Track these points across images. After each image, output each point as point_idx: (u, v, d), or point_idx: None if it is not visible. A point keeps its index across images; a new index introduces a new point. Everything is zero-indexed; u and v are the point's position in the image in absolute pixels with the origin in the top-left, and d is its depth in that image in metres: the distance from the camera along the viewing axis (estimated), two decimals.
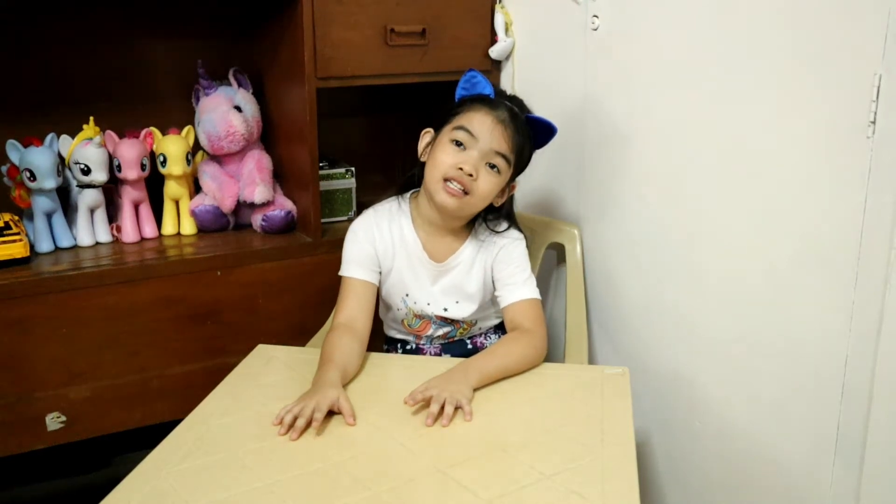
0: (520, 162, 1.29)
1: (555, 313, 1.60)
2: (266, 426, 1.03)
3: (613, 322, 1.47)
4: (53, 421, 1.41)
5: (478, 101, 1.27)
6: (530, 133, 1.28)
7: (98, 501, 0.86)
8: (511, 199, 1.36)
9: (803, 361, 1.11)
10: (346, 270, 1.31)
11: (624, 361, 1.42)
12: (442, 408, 1.04)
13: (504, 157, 1.24)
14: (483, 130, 1.23)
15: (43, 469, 1.80)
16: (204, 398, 1.10)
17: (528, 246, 1.36)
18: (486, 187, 1.25)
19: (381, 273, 1.33)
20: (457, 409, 1.05)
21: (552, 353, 1.43)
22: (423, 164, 1.30)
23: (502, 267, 1.31)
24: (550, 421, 1.04)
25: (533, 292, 1.30)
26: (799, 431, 1.14)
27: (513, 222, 1.36)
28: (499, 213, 1.34)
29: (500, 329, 1.42)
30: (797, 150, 1.09)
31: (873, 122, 0.97)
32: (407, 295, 1.33)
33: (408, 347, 1.40)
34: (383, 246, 1.32)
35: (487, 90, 1.28)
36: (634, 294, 1.41)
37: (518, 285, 1.30)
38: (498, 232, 1.33)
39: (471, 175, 1.22)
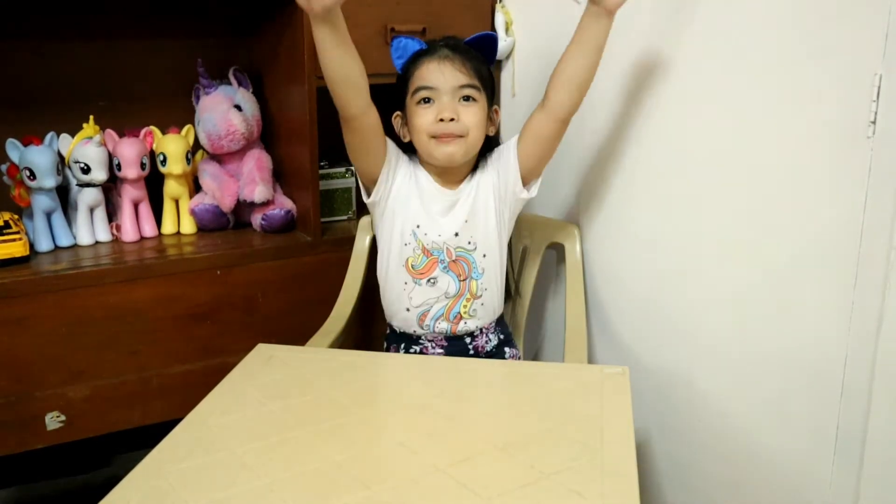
0: (487, 84, 1.30)
1: (554, 313, 1.60)
2: (266, 426, 1.03)
3: (613, 322, 1.47)
4: (53, 420, 1.41)
5: (416, 58, 1.29)
6: (478, 54, 1.30)
7: (98, 501, 0.86)
8: (497, 131, 1.38)
9: (803, 361, 1.11)
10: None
11: (624, 361, 1.42)
12: None
13: (470, 85, 1.26)
14: (436, 77, 1.25)
15: (42, 468, 1.80)
16: (204, 398, 1.10)
17: (528, 245, 1.36)
18: (473, 119, 1.26)
19: (388, 195, 1.32)
20: None
21: (552, 352, 1.43)
22: (407, 141, 1.33)
23: (499, 153, 1.33)
24: (550, 421, 1.04)
25: None
26: (798, 431, 1.14)
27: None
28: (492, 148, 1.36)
29: (501, 328, 1.41)
30: (797, 150, 1.09)
31: (873, 122, 0.97)
32: (418, 226, 1.32)
33: (411, 350, 1.39)
34: (402, 177, 1.33)
35: (418, 45, 1.30)
36: (634, 294, 1.41)
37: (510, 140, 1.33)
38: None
39: (452, 119, 1.24)
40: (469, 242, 1.33)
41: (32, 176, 1.46)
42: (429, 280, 1.33)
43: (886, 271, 0.98)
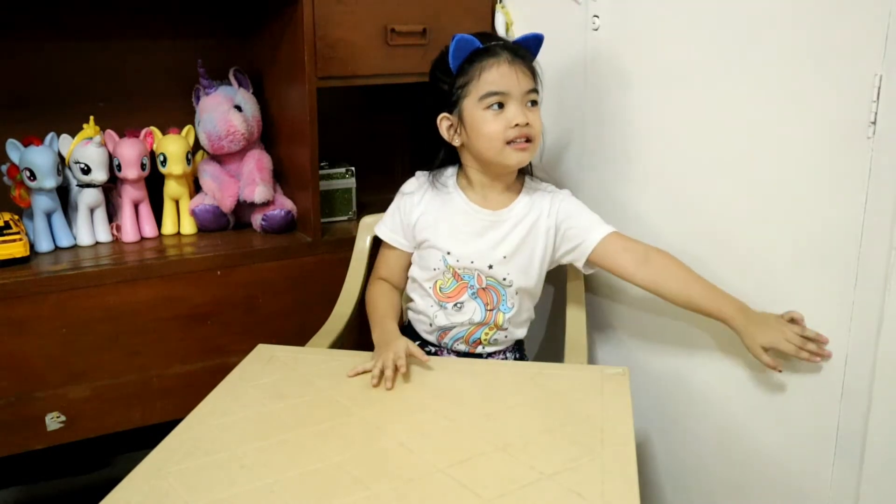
0: (539, 82, 1.28)
1: (555, 313, 1.60)
2: (266, 426, 1.03)
3: (613, 322, 1.47)
4: (53, 420, 1.41)
5: (477, 59, 1.23)
6: (528, 53, 1.27)
7: (98, 501, 0.86)
8: None
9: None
10: (381, 232, 1.38)
11: (624, 361, 1.42)
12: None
13: (534, 90, 1.25)
14: (507, 82, 1.21)
15: (43, 469, 1.80)
16: (204, 398, 1.10)
17: None
18: (539, 123, 1.25)
19: (416, 242, 1.34)
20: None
21: (552, 352, 1.43)
22: (450, 147, 1.30)
23: (575, 217, 1.30)
24: (550, 421, 1.04)
25: (610, 226, 1.29)
26: (799, 431, 1.14)
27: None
28: None
29: (518, 347, 1.40)
30: (797, 151, 1.09)
31: (874, 123, 0.97)
32: (448, 253, 1.30)
33: (425, 349, 1.35)
34: (423, 210, 1.32)
35: (476, 44, 1.24)
36: (634, 294, 1.41)
37: (596, 224, 1.29)
38: (543, 186, 1.34)
39: (528, 124, 1.22)
40: (504, 279, 1.30)
41: (33, 176, 1.46)
42: (455, 304, 1.32)
43: (886, 271, 0.98)
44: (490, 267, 1.29)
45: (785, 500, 1.17)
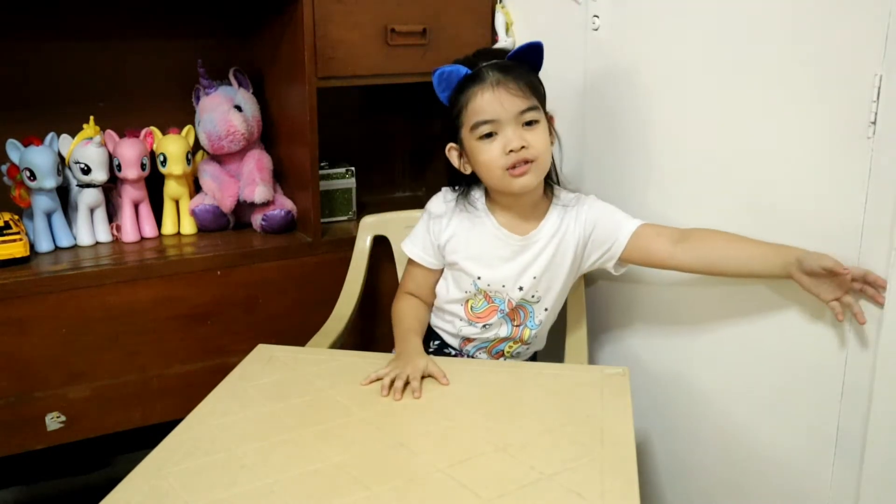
0: (542, 98, 1.22)
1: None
2: (266, 426, 1.03)
3: (613, 322, 1.47)
4: (53, 421, 1.41)
5: (464, 88, 1.19)
6: (526, 66, 1.21)
7: (98, 501, 0.86)
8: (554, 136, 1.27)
9: (803, 361, 1.11)
10: (409, 251, 1.33)
11: (624, 361, 1.42)
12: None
13: (529, 108, 1.18)
14: (493, 108, 1.17)
15: (43, 469, 1.80)
16: (204, 398, 1.10)
17: None
18: (541, 142, 1.19)
19: (446, 262, 1.31)
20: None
21: (552, 353, 1.43)
22: (469, 173, 1.26)
23: (599, 223, 1.26)
24: (550, 421, 1.04)
25: (638, 219, 1.25)
26: (799, 431, 1.14)
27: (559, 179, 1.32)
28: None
29: (532, 359, 1.40)
30: (797, 151, 1.09)
31: (874, 123, 0.97)
32: (479, 278, 1.28)
33: (445, 352, 1.36)
34: (452, 232, 1.28)
35: (462, 72, 1.19)
36: (634, 294, 1.41)
37: (623, 221, 1.25)
38: (569, 199, 1.29)
39: (523, 147, 1.17)
40: (533, 296, 1.29)
41: (33, 176, 1.46)
42: (484, 326, 1.31)
43: (886, 271, 0.98)
44: (520, 289, 1.28)
45: (785, 500, 1.17)
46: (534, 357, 1.41)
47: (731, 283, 1.21)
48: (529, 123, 1.19)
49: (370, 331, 1.62)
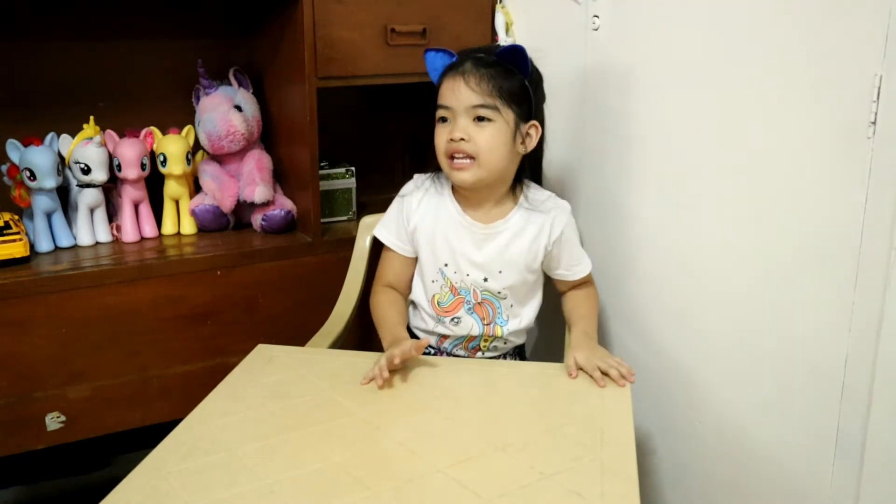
0: (514, 100, 1.21)
1: (555, 313, 1.60)
2: (266, 426, 1.03)
3: (614, 322, 1.47)
4: (53, 421, 1.41)
5: (446, 72, 1.24)
6: (512, 68, 1.21)
7: (98, 501, 0.86)
8: (540, 146, 1.29)
9: (803, 361, 1.11)
10: (384, 237, 1.35)
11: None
12: (602, 372, 1.13)
13: (483, 105, 1.19)
14: (452, 95, 1.21)
15: (43, 469, 1.80)
16: (204, 398, 1.10)
17: None
18: (487, 141, 1.19)
19: (414, 247, 1.33)
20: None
21: (552, 353, 1.43)
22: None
23: (566, 248, 1.32)
24: (550, 421, 1.04)
25: (589, 264, 1.36)
26: (799, 431, 1.14)
27: (541, 183, 1.34)
28: (531, 167, 1.31)
29: (519, 354, 1.41)
30: (797, 151, 1.09)
31: (874, 123, 0.97)
32: (446, 265, 1.30)
33: (424, 351, 1.37)
34: (421, 216, 1.31)
35: (441, 55, 1.25)
36: (634, 294, 1.41)
37: (581, 263, 1.35)
38: (541, 201, 1.30)
39: (463, 139, 1.19)
40: (500, 292, 1.30)
41: (33, 176, 1.46)
42: (452, 319, 1.32)
43: (886, 271, 0.98)
44: (485, 280, 1.29)
45: (785, 500, 1.17)
46: (519, 351, 1.41)
47: (730, 284, 1.21)
48: (481, 119, 1.20)
49: (370, 331, 1.62)
